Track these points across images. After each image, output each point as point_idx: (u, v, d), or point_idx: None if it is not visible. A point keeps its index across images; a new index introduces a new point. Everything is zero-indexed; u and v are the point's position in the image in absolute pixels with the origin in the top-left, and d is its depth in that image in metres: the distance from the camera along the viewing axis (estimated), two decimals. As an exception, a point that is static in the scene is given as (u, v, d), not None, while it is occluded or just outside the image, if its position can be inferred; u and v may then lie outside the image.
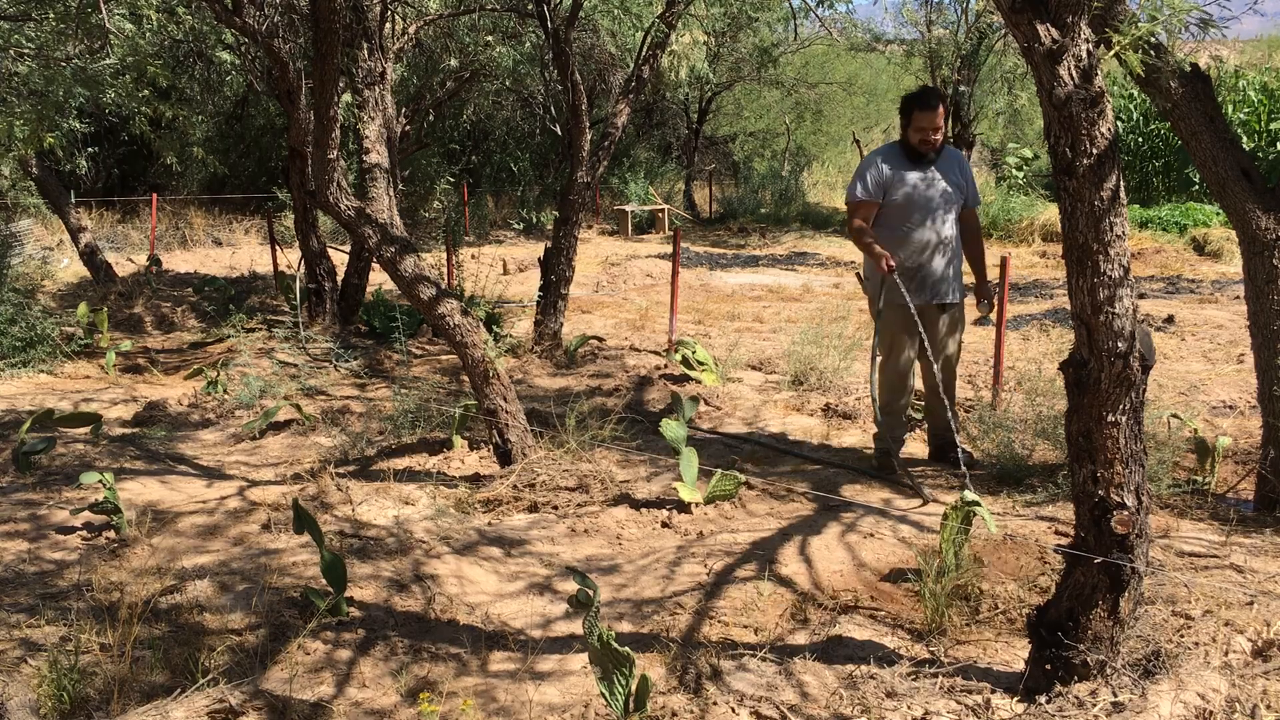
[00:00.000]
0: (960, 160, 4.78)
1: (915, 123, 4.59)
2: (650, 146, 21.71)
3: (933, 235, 4.64)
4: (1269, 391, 4.11)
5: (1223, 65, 17.78)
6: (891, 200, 4.64)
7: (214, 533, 4.16)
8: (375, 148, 5.94)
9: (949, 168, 4.68)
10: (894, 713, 2.73)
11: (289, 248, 11.00)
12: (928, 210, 4.63)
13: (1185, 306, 9.36)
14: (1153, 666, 2.69)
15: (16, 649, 3.15)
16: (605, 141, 7.28)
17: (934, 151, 4.63)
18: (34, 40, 7.10)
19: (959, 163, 4.75)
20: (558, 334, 7.53)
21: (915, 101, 4.61)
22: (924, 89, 4.72)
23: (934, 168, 4.65)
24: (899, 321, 4.65)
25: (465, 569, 3.86)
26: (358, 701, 2.95)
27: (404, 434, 5.35)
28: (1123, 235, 2.49)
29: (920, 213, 4.63)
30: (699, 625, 3.35)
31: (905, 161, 4.66)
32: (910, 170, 4.64)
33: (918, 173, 4.63)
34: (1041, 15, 2.41)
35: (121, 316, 9.17)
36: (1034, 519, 4.17)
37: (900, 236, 4.64)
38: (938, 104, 4.58)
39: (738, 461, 5.02)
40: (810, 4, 7.84)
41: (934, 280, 4.68)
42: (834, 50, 20.35)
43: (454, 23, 10.40)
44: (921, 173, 4.63)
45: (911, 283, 4.61)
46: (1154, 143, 17.51)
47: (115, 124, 13.76)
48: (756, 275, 12.46)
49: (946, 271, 4.69)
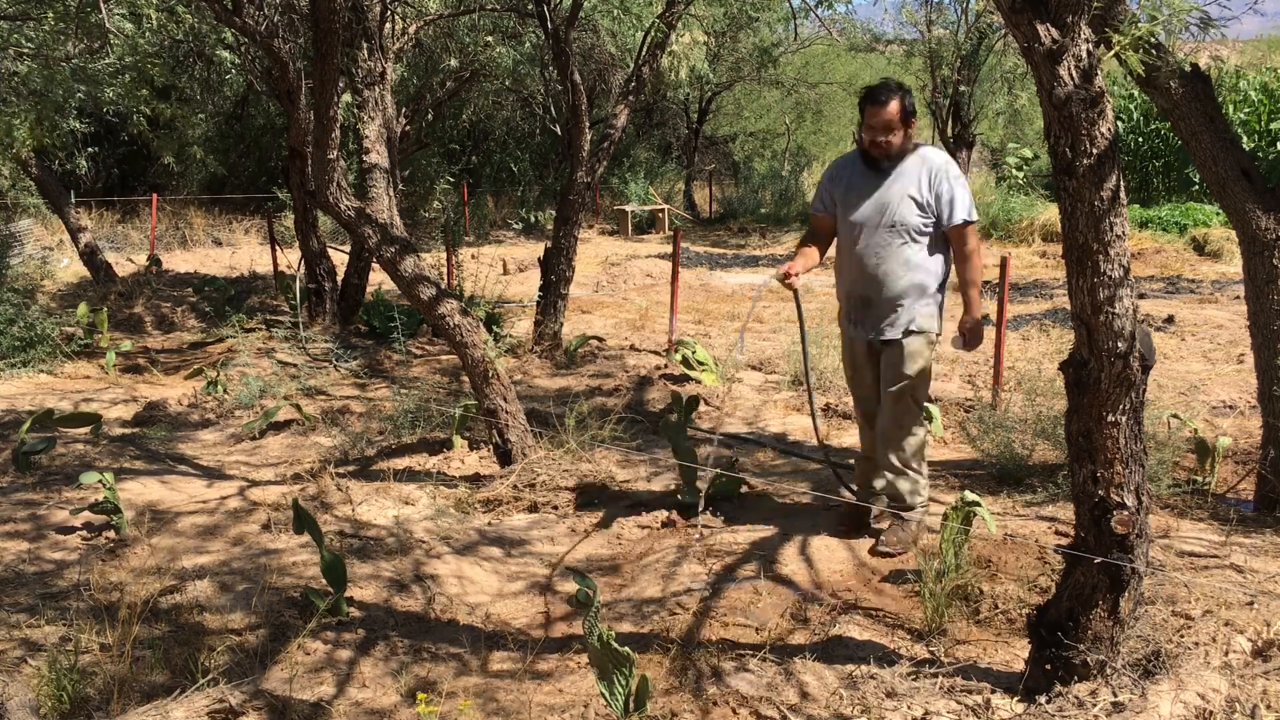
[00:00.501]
0: (934, 169, 3.81)
1: (866, 120, 3.79)
2: (650, 146, 21.72)
3: (871, 257, 3.84)
4: (1269, 391, 4.11)
5: (1223, 65, 17.77)
6: (843, 219, 3.93)
7: (214, 533, 4.16)
8: (375, 148, 5.95)
9: (909, 178, 3.81)
10: (894, 713, 2.73)
11: (289, 248, 11.00)
12: (866, 227, 3.84)
13: (1185, 306, 9.36)
14: (1153, 666, 2.69)
15: (17, 649, 3.15)
16: (605, 142, 7.28)
17: (887, 158, 3.81)
18: (34, 40, 7.11)
19: (930, 172, 3.81)
20: (558, 334, 7.53)
21: (866, 97, 3.80)
22: (879, 82, 3.86)
23: (889, 177, 3.82)
24: (844, 358, 4.17)
25: (466, 569, 3.86)
26: (358, 701, 2.95)
27: (404, 434, 5.35)
28: (1123, 235, 2.49)
29: (857, 230, 3.86)
30: (699, 625, 3.35)
31: (860, 168, 3.90)
32: (860, 179, 3.89)
33: (867, 183, 3.86)
34: (1041, 15, 2.41)
35: (121, 316, 9.17)
36: (1034, 519, 4.17)
37: (843, 257, 3.96)
38: (889, 99, 3.73)
39: (738, 462, 5.02)
40: (810, 4, 7.84)
41: (869, 312, 3.91)
42: (834, 50, 20.36)
43: (454, 23, 10.40)
44: (871, 183, 3.85)
45: (851, 312, 4.00)
46: (1154, 143, 17.51)
47: (115, 124, 13.76)
48: (756, 275, 12.46)
49: (885, 303, 3.86)
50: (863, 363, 4.01)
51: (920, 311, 3.86)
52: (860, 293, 3.92)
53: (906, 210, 3.80)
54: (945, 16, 16.98)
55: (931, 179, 3.80)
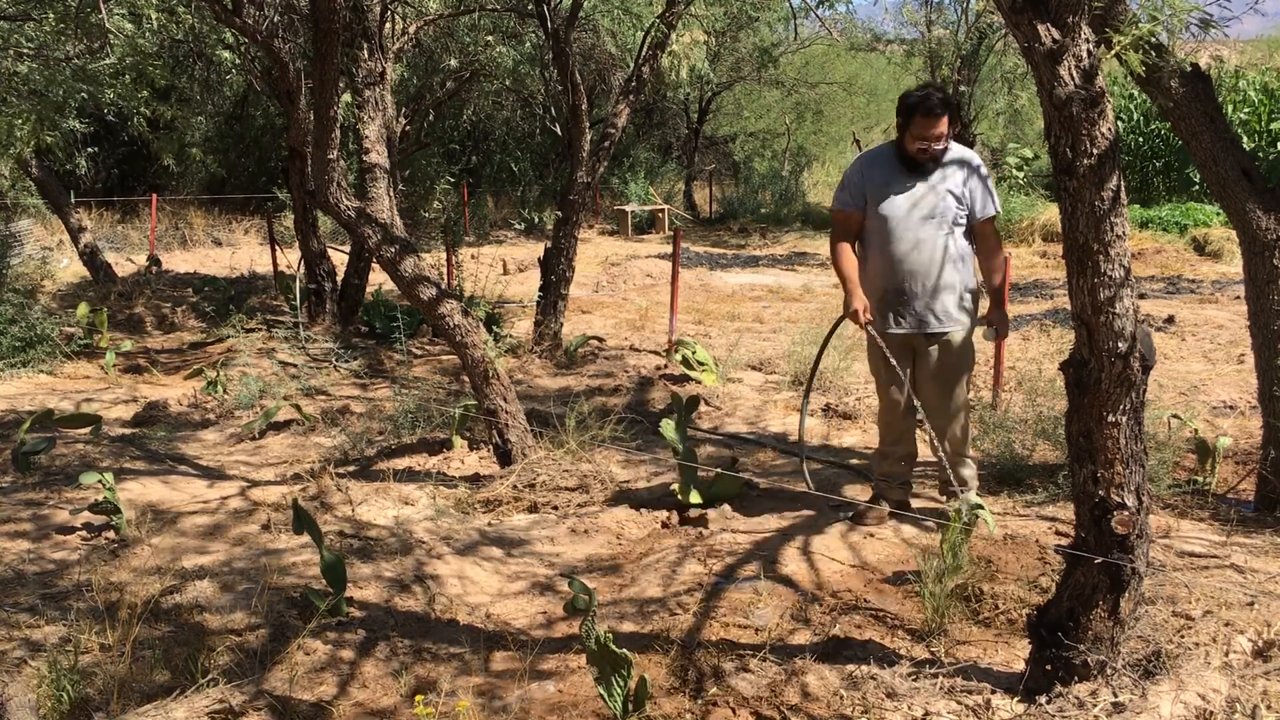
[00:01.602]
0: (970, 164, 4.00)
1: (915, 129, 3.89)
2: (650, 146, 21.71)
3: (913, 251, 3.96)
4: (1269, 391, 4.11)
5: (1223, 65, 17.78)
6: (876, 213, 4.01)
7: (215, 533, 4.16)
8: (375, 148, 5.94)
9: (951, 176, 3.97)
10: (895, 713, 2.73)
11: (289, 248, 11.00)
12: (906, 221, 3.97)
13: (1186, 306, 9.36)
14: (1153, 667, 2.69)
15: (18, 649, 3.15)
16: (605, 141, 7.28)
17: (933, 161, 3.96)
18: (34, 40, 7.10)
19: (967, 168, 3.99)
20: (558, 334, 7.53)
21: (917, 107, 3.86)
22: (927, 91, 3.94)
23: (932, 177, 3.97)
24: (875, 357, 4.16)
25: (467, 569, 3.86)
26: (359, 702, 2.96)
27: (404, 434, 5.35)
28: (1123, 235, 2.49)
29: (897, 224, 3.97)
30: (700, 625, 3.35)
31: (897, 168, 4.00)
32: (898, 176, 3.99)
33: (909, 182, 3.98)
34: (1042, 15, 2.40)
35: (121, 317, 9.17)
36: (1034, 519, 4.17)
37: (879, 252, 4.04)
38: (944, 112, 3.85)
39: (738, 462, 5.02)
40: (810, 4, 7.84)
41: (908, 305, 4.02)
42: (834, 50, 20.34)
43: (454, 23, 10.40)
44: (914, 182, 3.97)
45: (887, 308, 4.05)
46: (1154, 143, 17.50)
47: (115, 124, 13.76)
48: (757, 275, 12.46)
49: (930, 294, 3.99)
50: (901, 356, 4.03)
51: (966, 300, 4.04)
52: (898, 285, 4.01)
53: (948, 204, 3.96)
54: (945, 16, 16.98)
55: (968, 174, 3.99)
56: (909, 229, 3.96)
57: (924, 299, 3.99)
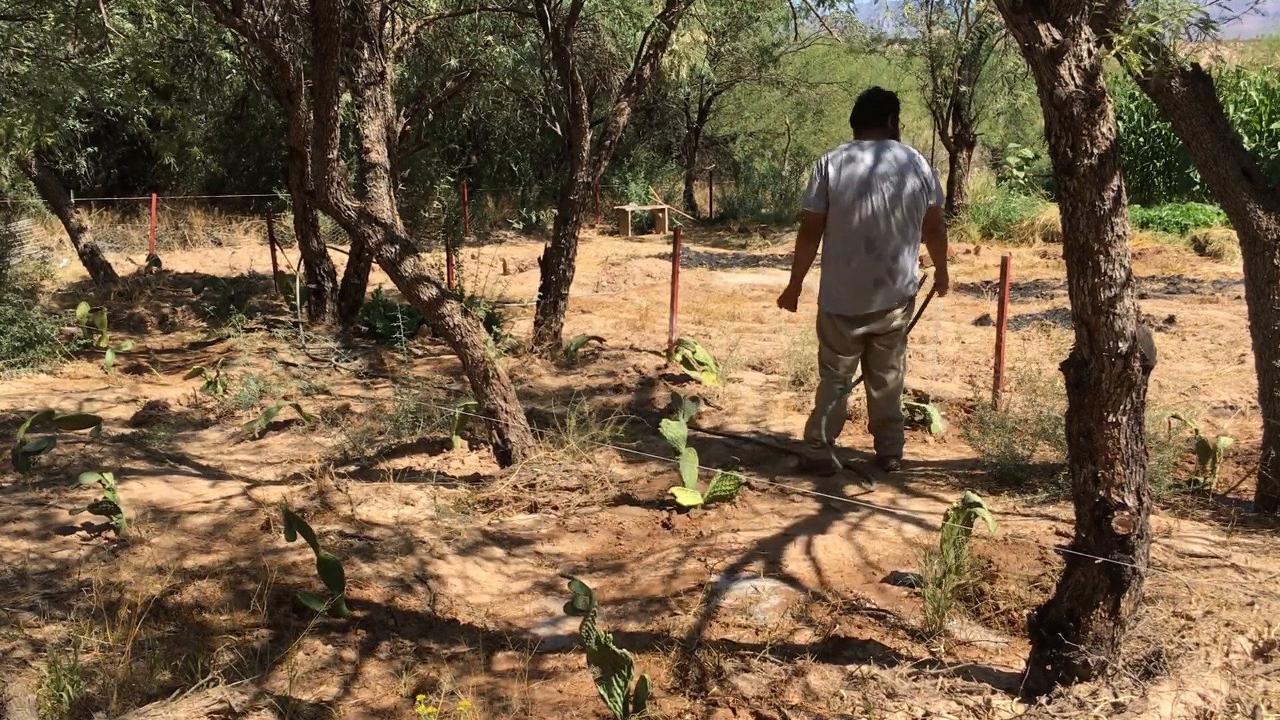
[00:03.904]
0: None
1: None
2: (650, 146, 21.71)
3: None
4: (1270, 392, 4.11)
5: (1224, 65, 17.77)
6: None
7: (216, 532, 4.16)
8: (375, 147, 5.94)
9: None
10: (895, 713, 2.73)
11: (289, 248, 11.00)
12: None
13: (1186, 307, 9.36)
14: (1153, 667, 2.69)
15: (20, 649, 3.15)
16: (605, 141, 7.28)
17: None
18: (34, 40, 7.10)
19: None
20: (558, 334, 7.53)
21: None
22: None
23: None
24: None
25: (469, 569, 3.86)
26: (361, 702, 2.96)
27: (404, 434, 5.35)
28: (1124, 235, 2.49)
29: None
30: (701, 625, 3.35)
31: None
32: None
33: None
34: (1042, 15, 2.41)
35: (122, 316, 9.17)
36: (1035, 519, 4.17)
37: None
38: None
39: (738, 462, 5.02)
40: (811, 4, 7.83)
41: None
42: (835, 50, 20.34)
43: (454, 23, 10.40)
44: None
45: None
46: (1155, 143, 17.50)
47: (115, 124, 13.76)
48: (757, 275, 12.46)
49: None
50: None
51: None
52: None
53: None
54: (946, 16, 16.96)
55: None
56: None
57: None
